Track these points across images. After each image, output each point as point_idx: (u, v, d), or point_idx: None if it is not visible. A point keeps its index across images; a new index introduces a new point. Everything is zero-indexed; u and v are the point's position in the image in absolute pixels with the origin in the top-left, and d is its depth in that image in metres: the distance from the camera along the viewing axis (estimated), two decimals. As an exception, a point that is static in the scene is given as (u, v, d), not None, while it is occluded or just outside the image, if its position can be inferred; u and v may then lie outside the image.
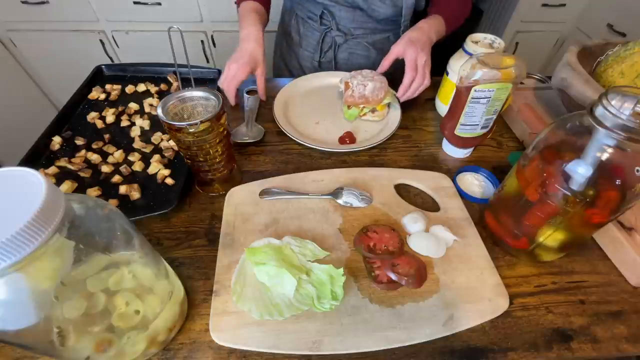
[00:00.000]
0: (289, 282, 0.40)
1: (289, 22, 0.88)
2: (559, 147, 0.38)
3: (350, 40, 0.83)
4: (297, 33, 0.87)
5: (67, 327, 0.26)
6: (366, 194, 0.52)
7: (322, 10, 0.79)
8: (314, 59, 0.87)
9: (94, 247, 0.26)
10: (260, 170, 0.59)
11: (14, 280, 0.21)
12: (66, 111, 0.66)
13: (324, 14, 0.79)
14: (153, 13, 1.53)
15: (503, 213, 0.46)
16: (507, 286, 0.44)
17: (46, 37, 1.56)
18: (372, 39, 0.83)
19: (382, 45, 0.84)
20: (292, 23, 0.87)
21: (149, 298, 0.32)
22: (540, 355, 0.39)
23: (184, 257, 0.46)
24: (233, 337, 0.38)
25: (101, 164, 0.56)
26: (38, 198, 0.21)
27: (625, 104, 0.32)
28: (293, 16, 0.86)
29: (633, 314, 0.43)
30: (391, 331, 0.39)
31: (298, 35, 0.87)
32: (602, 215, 0.37)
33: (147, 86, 0.72)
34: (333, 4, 0.77)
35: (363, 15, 0.78)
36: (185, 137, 0.44)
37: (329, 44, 0.84)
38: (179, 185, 0.53)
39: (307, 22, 0.84)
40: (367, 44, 0.83)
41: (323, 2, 0.78)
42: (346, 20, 0.80)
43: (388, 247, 0.45)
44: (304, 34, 0.86)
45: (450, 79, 0.65)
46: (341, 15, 0.79)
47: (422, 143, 0.66)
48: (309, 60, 0.88)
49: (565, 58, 0.58)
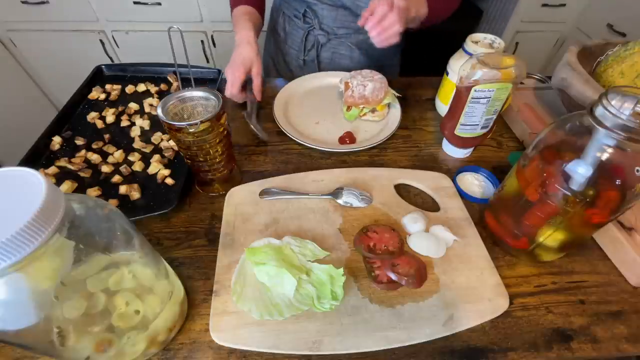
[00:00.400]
0: (289, 282, 0.40)
1: (277, 19, 0.88)
2: (559, 147, 0.38)
3: (333, 40, 0.83)
4: (284, 31, 0.87)
5: (67, 327, 0.26)
6: (366, 194, 0.52)
7: (305, 9, 0.79)
8: (299, 57, 0.88)
9: (94, 247, 0.26)
10: (260, 170, 0.59)
11: (14, 280, 0.21)
12: (66, 111, 0.66)
13: (307, 12, 0.80)
14: (153, 13, 1.53)
15: (503, 213, 0.46)
16: (507, 286, 0.44)
17: (46, 37, 1.56)
18: (355, 39, 0.82)
19: (367, 46, 0.83)
20: (280, 21, 0.87)
21: (149, 298, 0.32)
22: (540, 355, 0.39)
23: (184, 257, 0.46)
24: (233, 337, 0.38)
25: (101, 164, 0.56)
26: (38, 198, 0.21)
27: (625, 104, 0.32)
28: (280, 14, 0.86)
29: (633, 314, 0.43)
30: (391, 331, 0.39)
31: (284, 32, 0.87)
32: (602, 215, 0.37)
33: (147, 86, 0.72)
34: (316, 2, 0.77)
35: (347, 15, 0.78)
36: (185, 137, 0.44)
37: (312, 42, 0.84)
38: (179, 185, 0.53)
39: (292, 20, 0.84)
40: (350, 44, 0.83)
41: (306, 0, 0.77)
42: (329, 19, 0.80)
43: (388, 247, 0.45)
44: (290, 31, 0.86)
45: (450, 79, 0.65)
46: (324, 14, 0.79)
47: (422, 143, 0.66)
48: (295, 58, 0.89)
49: (565, 58, 0.58)
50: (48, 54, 1.61)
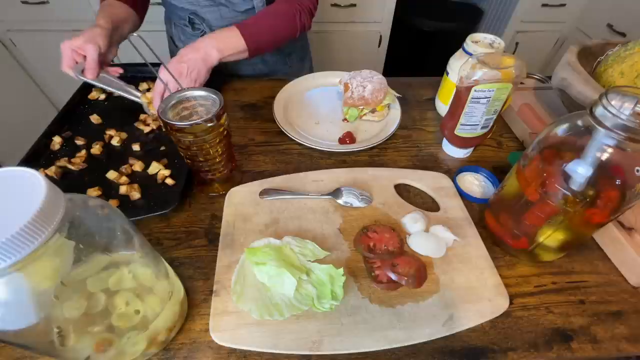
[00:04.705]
0: (289, 282, 0.40)
1: (172, 31, 0.86)
2: (559, 147, 0.38)
3: None
4: (180, 40, 0.85)
5: (67, 327, 0.26)
6: (366, 194, 0.52)
7: (189, 15, 0.77)
8: None
9: (94, 247, 0.26)
10: (260, 170, 0.59)
11: (14, 280, 0.21)
12: (66, 111, 0.66)
13: (192, 19, 0.78)
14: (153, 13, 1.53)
15: (503, 213, 0.46)
16: (507, 286, 0.44)
17: (46, 37, 1.56)
18: None
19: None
20: (174, 32, 0.85)
21: (149, 298, 0.32)
22: (540, 355, 0.39)
23: (184, 257, 0.46)
24: (233, 337, 0.38)
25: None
26: (38, 198, 0.21)
27: (625, 104, 0.32)
28: (172, 25, 0.85)
29: (633, 314, 0.43)
30: (391, 331, 0.39)
31: (180, 42, 0.85)
32: (602, 215, 0.37)
33: (149, 84, 0.72)
34: (195, 7, 0.75)
35: (228, 11, 0.76)
36: (185, 137, 0.44)
37: None
38: (179, 185, 0.53)
39: (184, 29, 0.82)
40: None
41: (186, 8, 0.76)
42: (214, 20, 0.78)
43: (388, 247, 0.45)
44: (186, 41, 0.84)
45: (450, 79, 0.65)
46: (207, 16, 0.77)
47: (422, 143, 0.66)
48: None
49: (565, 58, 0.58)
50: (48, 54, 1.60)
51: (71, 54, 0.60)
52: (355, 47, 1.76)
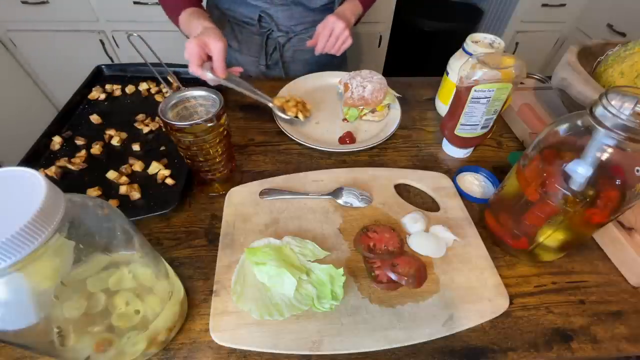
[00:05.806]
0: (289, 282, 0.40)
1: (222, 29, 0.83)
2: (559, 147, 0.38)
3: (293, 39, 0.83)
4: (235, 40, 0.85)
5: (67, 327, 0.26)
6: (366, 194, 0.52)
7: (259, 14, 0.77)
8: (260, 64, 0.86)
9: (94, 247, 0.26)
10: (260, 170, 0.59)
11: (14, 280, 0.21)
12: (66, 111, 0.66)
13: (261, 17, 0.78)
14: (153, 13, 1.53)
15: (503, 213, 0.46)
16: (507, 286, 0.44)
17: (46, 37, 1.56)
18: (312, 31, 0.80)
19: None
20: (227, 31, 0.84)
21: (149, 298, 0.32)
22: (540, 355, 0.39)
23: (184, 257, 0.46)
24: (233, 337, 0.38)
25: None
26: (38, 198, 0.21)
27: (625, 104, 0.32)
28: (225, 23, 0.84)
29: (633, 314, 0.43)
30: (391, 331, 0.39)
31: (236, 41, 0.85)
32: (602, 215, 0.37)
33: (149, 84, 0.73)
34: (268, 5, 0.76)
35: (302, 10, 0.78)
36: (185, 137, 0.44)
37: (273, 46, 0.83)
38: (179, 185, 0.53)
39: (244, 27, 0.82)
40: (309, 38, 0.81)
41: (259, 5, 0.76)
42: (285, 19, 0.79)
43: (388, 247, 0.45)
44: (243, 40, 0.84)
45: (450, 79, 0.65)
46: (279, 15, 0.78)
47: (422, 143, 0.66)
48: (253, 65, 0.87)
49: (565, 58, 0.58)
50: (48, 54, 1.61)
51: (199, 53, 0.57)
52: (355, 47, 1.77)
